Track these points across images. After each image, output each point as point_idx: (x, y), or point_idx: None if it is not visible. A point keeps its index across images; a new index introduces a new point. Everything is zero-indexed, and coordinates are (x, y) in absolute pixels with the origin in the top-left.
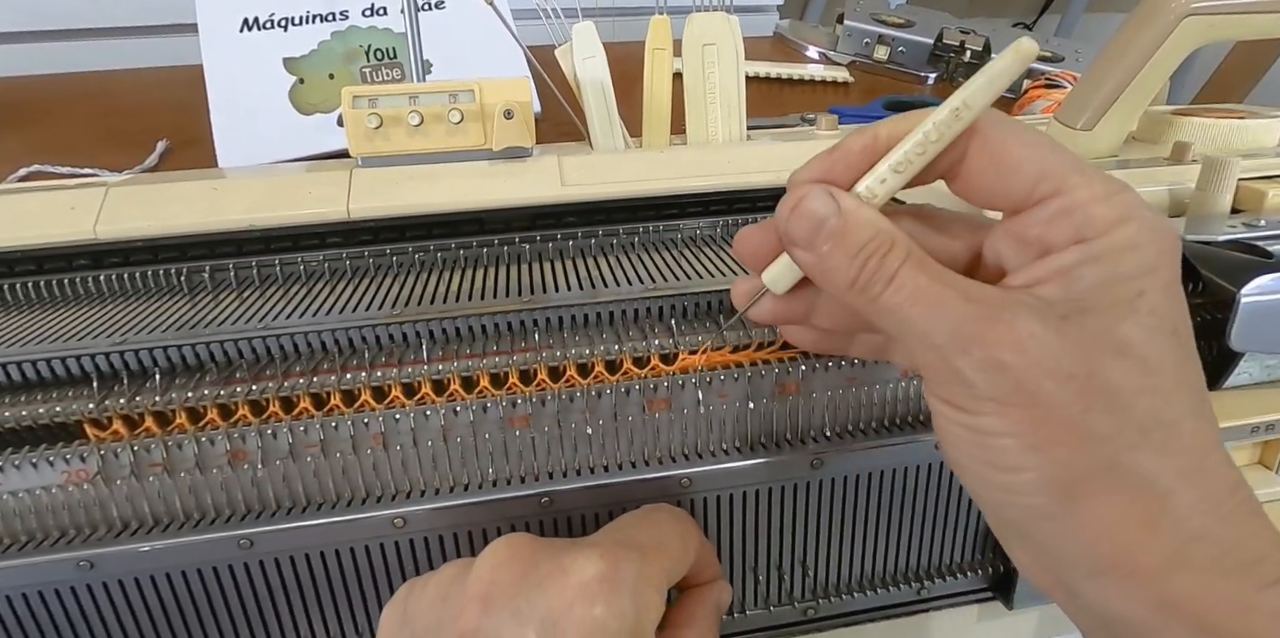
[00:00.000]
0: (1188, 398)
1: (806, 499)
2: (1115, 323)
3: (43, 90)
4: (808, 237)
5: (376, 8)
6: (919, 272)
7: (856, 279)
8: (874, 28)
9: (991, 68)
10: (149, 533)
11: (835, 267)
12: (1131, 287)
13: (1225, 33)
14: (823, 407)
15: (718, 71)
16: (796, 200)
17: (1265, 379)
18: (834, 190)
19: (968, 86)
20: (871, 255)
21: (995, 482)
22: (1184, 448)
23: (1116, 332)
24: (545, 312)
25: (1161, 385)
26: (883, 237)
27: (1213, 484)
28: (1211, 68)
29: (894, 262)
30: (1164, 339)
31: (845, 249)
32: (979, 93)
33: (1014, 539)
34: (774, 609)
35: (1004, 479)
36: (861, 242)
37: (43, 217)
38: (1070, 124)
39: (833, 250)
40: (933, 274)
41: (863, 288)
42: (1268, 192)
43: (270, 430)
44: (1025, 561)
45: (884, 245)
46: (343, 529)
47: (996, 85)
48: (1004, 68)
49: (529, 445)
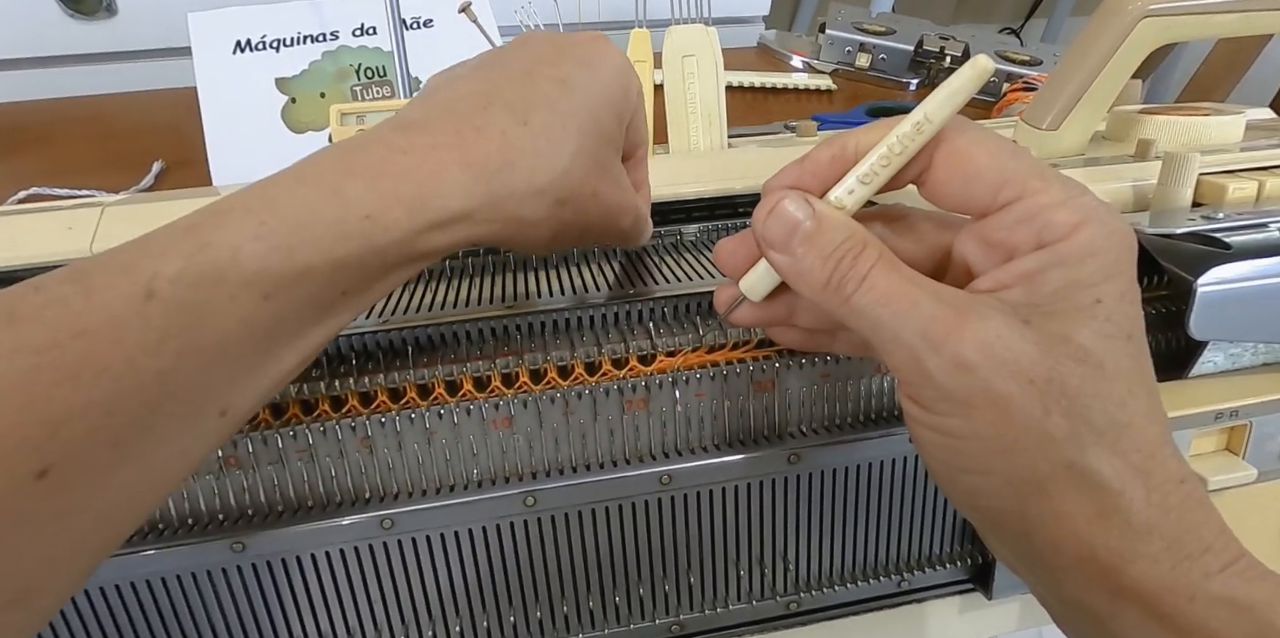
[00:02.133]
0: (1141, 401)
1: (785, 494)
2: (1074, 328)
3: (41, 115)
4: (783, 239)
5: (366, 27)
6: (890, 273)
7: (829, 280)
8: (855, 36)
9: (951, 83)
10: (144, 539)
11: (809, 268)
12: (1091, 293)
13: (1181, 33)
14: (798, 403)
15: (698, 82)
16: (772, 205)
17: (1230, 367)
18: (807, 196)
19: (929, 101)
20: (844, 257)
21: (964, 484)
22: (1136, 447)
23: (1075, 337)
24: (528, 317)
25: (1115, 390)
26: (855, 239)
27: (1161, 480)
28: (1193, 68)
29: (866, 263)
30: (1120, 344)
31: (819, 251)
32: (940, 107)
33: (986, 533)
34: (757, 603)
35: (972, 481)
36: (834, 243)
37: (41, 236)
38: (1036, 125)
39: (806, 252)
40: (903, 275)
41: (836, 288)
42: (1228, 186)
43: (261, 436)
44: (1000, 552)
45: (856, 247)
46: (332, 531)
47: (956, 99)
48: (962, 84)
49: (512, 446)
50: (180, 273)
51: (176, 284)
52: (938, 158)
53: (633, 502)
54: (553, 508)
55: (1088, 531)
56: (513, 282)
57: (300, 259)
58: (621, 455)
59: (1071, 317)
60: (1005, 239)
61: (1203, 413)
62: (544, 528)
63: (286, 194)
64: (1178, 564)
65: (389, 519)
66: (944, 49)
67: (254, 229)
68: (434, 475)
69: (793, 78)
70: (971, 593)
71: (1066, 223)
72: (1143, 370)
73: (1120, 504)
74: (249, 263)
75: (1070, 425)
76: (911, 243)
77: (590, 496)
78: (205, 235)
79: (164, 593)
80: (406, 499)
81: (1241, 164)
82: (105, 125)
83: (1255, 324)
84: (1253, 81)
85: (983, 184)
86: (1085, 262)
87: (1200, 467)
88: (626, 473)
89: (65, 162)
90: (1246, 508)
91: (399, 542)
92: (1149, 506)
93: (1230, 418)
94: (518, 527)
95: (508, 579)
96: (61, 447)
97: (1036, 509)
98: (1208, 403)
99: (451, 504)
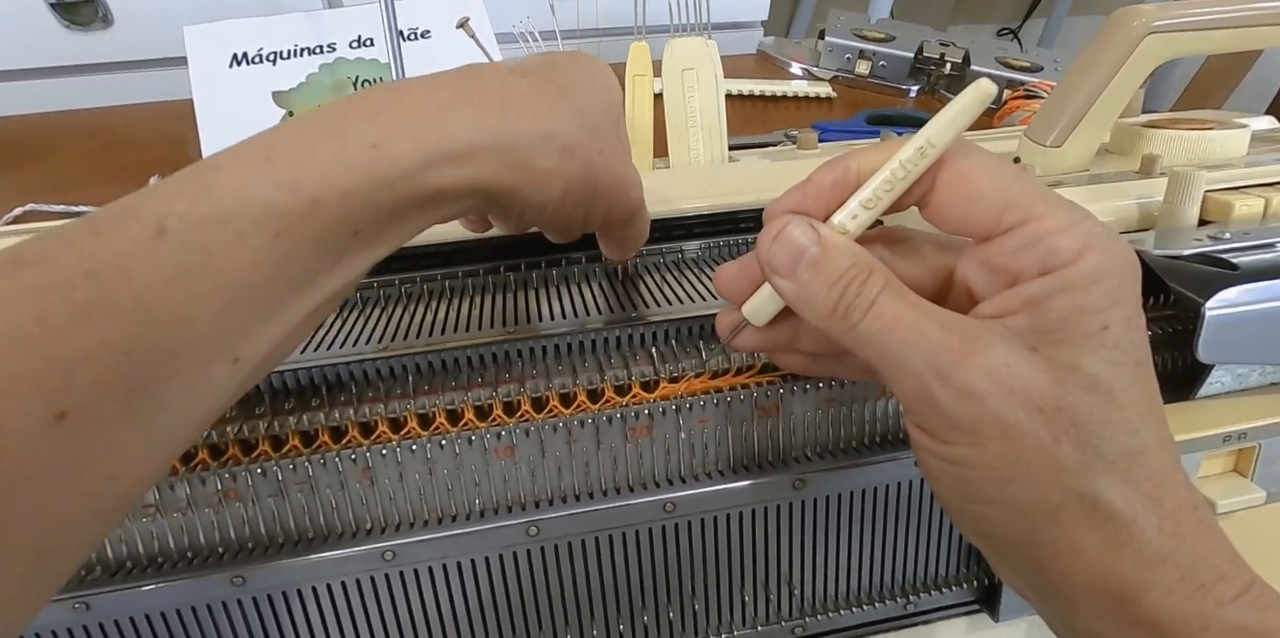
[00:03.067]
0: (1151, 428)
1: (790, 520)
2: (1083, 356)
3: (35, 129)
4: (789, 265)
5: (363, 39)
6: (897, 300)
7: (836, 307)
8: (855, 43)
9: (953, 106)
10: (144, 573)
11: (815, 294)
12: (1097, 320)
13: (1186, 49)
14: (803, 428)
15: (698, 95)
16: (778, 230)
17: (1238, 388)
18: (813, 221)
19: (931, 125)
20: (850, 284)
21: (973, 513)
22: (1148, 476)
23: (1084, 365)
24: (529, 342)
25: (1127, 418)
26: (861, 265)
27: (1174, 508)
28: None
29: (872, 290)
30: (1129, 371)
31: (825, 277)
32: (942, 131)
33: (995, 560)
34: (761, 629)
35: (981, 510)
36: (841, 270)
37: None
38: (1040, 141)
39: (812, 279)
40: (910, 303)
41: (842, 316)
42: (1234, 203)
43: (260, 469)
44: (1011, 579)
45: (862, 274)
46: (333, 564)
47: (959, 124)
48: (964, 106)
49: (514, 476)
50: (188, 212)
51: (185, 222)
52: (941, 180)
53: (636, 530)
54: (556, 537)
55: (1100, 561)
56: (513, 301)
57: (306, 192)
58: (625, 483)
59: (1079, 344)
60: (1009, 264)
61: (1211, 436)
62: (547, 558)
63: (288, 135)
64: (1192, 594)
65: (390, 551)
66: (944, 56)
67: (259, 166)
68: (435, 506)
69: (792, 85)
70: (978, 615)
71: (1070, 248)
72: (1151, 397)
73: (1133, 534)
74: (256, 200)
75: (1081, 455)
76: (914, 265)
77: (594, 524)
78: (209, 177)
79: (164, 628)
80: (408, 530)
81: (1247, 180)
82: (101, 138)
83: (1264, 347)
84: (1250, 87)
85: (986, 207)
86: (1091, 288)
87: (1208, 489)
88: (630, 501)
89: (61, 176)
90: (1255, 530)
91: (401, 574)
92: (1162, 535)
93: (1239, 440)
94: (521, 557)
95: (511, 610)
96: (77, 390)
97: (1048, 539)
98: (1216, 425)
99: (454, 535)
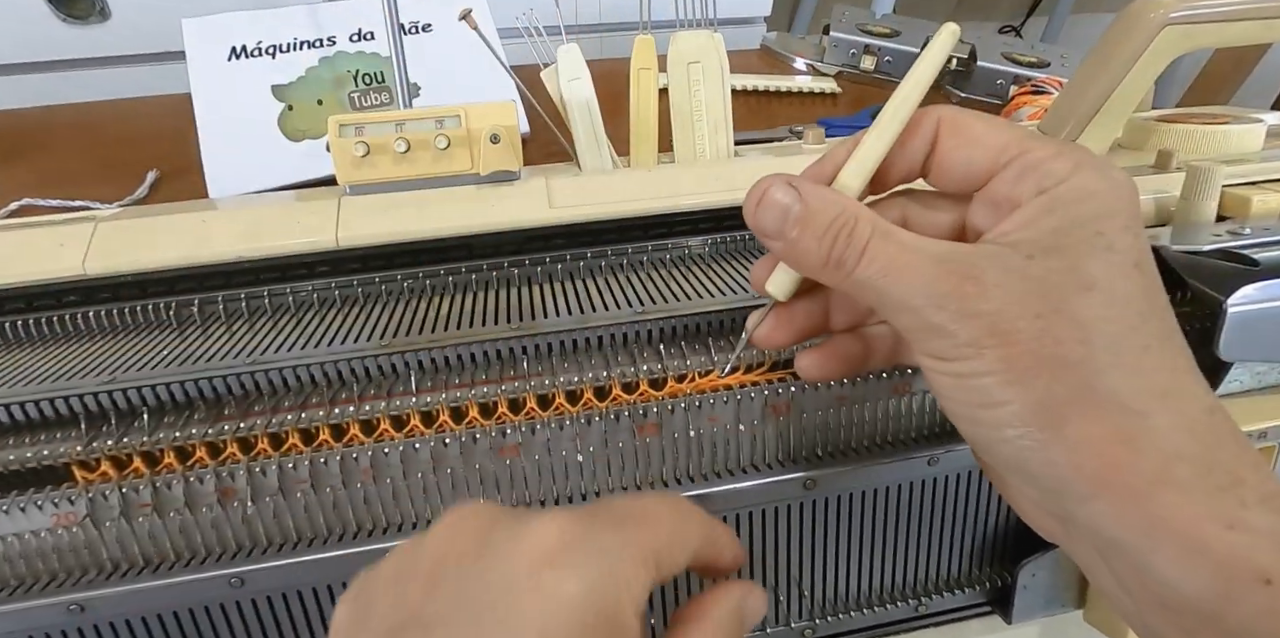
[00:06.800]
0: (1154, 325)
1: (801, 520)
2: (1078, 261)
3: (31, 122)
4: (777, 226)
5: (364, 33)
6: (887, 242)
7: (829, 258)
8: (860, 38)
9: (929, 49)
10: (139, 574)
11: (807, 249)
12: (1090, 228)
13: (1203, 41)
14: (814, 427)
15: (703, 89)
16: (759, 195)
17: (1256, 386)
18: (791, 179)
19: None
20: (839, 233)
21: (983, 419)
22: (1155, 369)
23: (1080, 268)
24: (534, 339)
25: (1126, 315)
26: (846, 214)
27: (1188, 406)
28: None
29: (862, 236)
30: (1127, 272)
31: (813, 231)
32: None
33: (1011, 480)
34: (771, 630)
35: (990, 416)
36: (827, 221)
37: (32, 254)
38: (1054, 134)
39: (801, 234)
40: (901, 243)
41: (837, 265)
42: (1252, 198)
43: (259, 467)
44: (1024, 503)
45: (849, 223)
46: (335, 565)
47: (935, 60)
48: (940, 45)
49: (520, 474)
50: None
51: None
52: (941, 132)
53: None
54: None
55: (1112, 454)
56: (517, 297)
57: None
58: (632, 482)
59: (1075, 249)
60: (1009, 194)
61: None
62: None
63: None
64: (1211, 494)
65: None
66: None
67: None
68: (440, 505)
69: (796, 80)
70: (990, 616)
71: (1064, 169)
72: (1153, 297)
73: (1145, 426)
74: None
75: (1086, 350)
76: (930, 218)
77: None
78: None
79: (160, 630)
80: (411, 530)
81: (1264, 175)
82: (98, 133)
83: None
84: (1257, 83)
85: (985, 149)
86: (1085, 201)
87: None
88: None
89: (57, 171)
90: None
91: None
92: (1175, 430)
93: (1258, 440)
94: None
95: None
96: None
97: (1057, 436)
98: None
99: None
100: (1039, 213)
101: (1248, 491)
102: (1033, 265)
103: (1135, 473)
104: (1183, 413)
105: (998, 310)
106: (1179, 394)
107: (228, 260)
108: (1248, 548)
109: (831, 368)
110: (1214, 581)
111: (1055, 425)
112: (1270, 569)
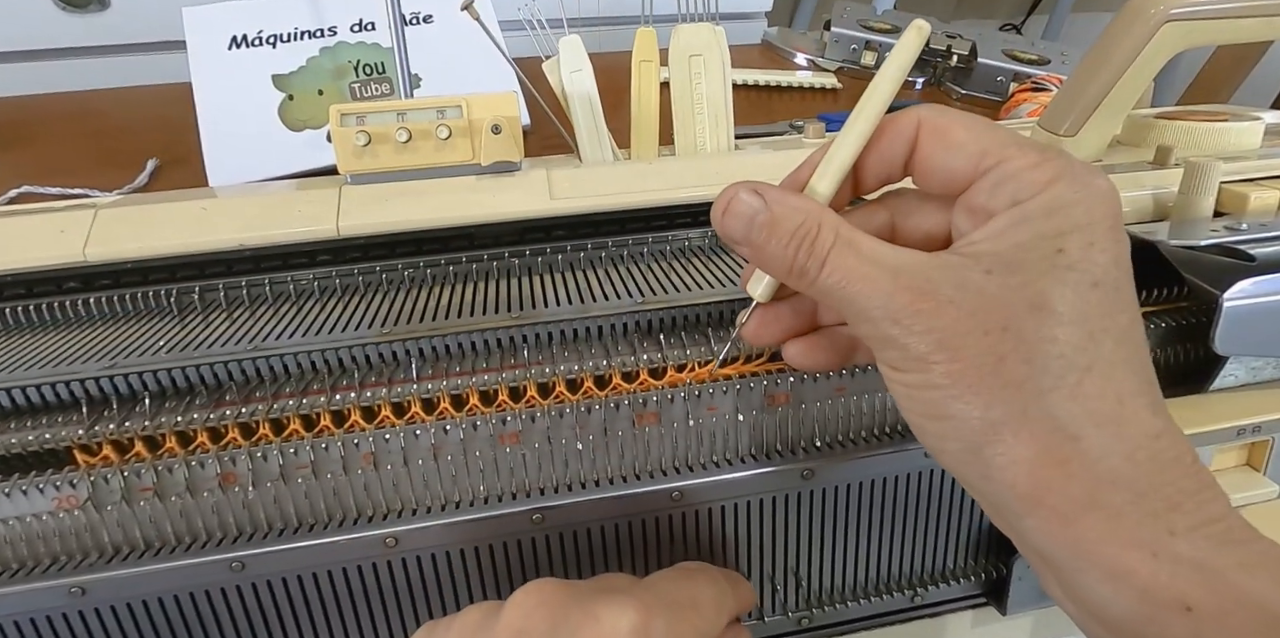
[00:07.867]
0: (1106, 347)
1: (798, 510)
2: (1034, 278)
3: (31, 111)
4: (743, 232)
5: (365, 23)
6: (847, 253)
7: (793, 265)
8: (861, 34)
9: (898, 47)
10: (140, 558)
11: (773, 256)
12: (1053, 244)
13: (1204, 38)
14: (812, 418)
15: (704, 82)
16: (726, 202)
17: (1251, 381)
18: (758, 186)
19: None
20: (802, 241)
21: (929, 430)
22: (1098, 394)
23: (1034, 286)
24: (534, 327)
25: (1074, 336)
26: (810, 221)
27: (1129, 430)
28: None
29: (823, 245)
30: (1083, 292)
31: (778, 238)
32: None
33: (958, 475)
34: (768, 620)
35: (936, 427)
36: (791, 229)
37: (33, 240)
38: (1054, 130)
39: (766, 240)
40: (861, 254)
41: (800, 273)
42: (1250, 194)
43: (260, 453)
44: (982, 505)
45: (811, 230)
46: (334, 550)
47: (903, 58)
48: (906, 44)
49: (520, 462)
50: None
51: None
52: (921, 136)
53: (643, 519)
54: (561, 525)
55: (1043, 475)
56: (518, 287)
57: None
58: (631, 471)
59: (1033, 266)
60: (985, 204)
61: (1224, 429)
62: (552, 546)
63: None
64: (1140, 521)
65: (393, 537)
66: (950, 48)
67: None
68: (439, 492)
69: (797, 76)
70: (985, 608)
71: (1039, 181)
72: (1109, 318)
73: (1078, 450)
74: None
75: (1028, 371)
76: (918, 221)
77: (600, 512)
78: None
79: (161, 614)
80: (411, 517)
81: (1262, 172)
82: (97, 121)
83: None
84: (1257, 81)
85: (964, 155)
86: (1054, 215)
87: (1221, 482)
88: (637, 489)
89: (57, 159)
90: (1267, 524)
91: (403, 561)
92: (1111, 455)
93: (1252, 434)
94: (525, 545)
95: None
96: None
97: (992, 453)
98: (1229, 419)
99: (457, 522)
100: (1007, 226)
101: (1180, 517)
102: (989, 281)
103: (1064, 497)
104: (1122, 438)
105: (947, 327)
106: (1120, 419)
107: (229, 248)
108: (1170, 576)
109: (818, 358)
110: (1139, 606)
111: (991, 443)
112: (1190, 597)
